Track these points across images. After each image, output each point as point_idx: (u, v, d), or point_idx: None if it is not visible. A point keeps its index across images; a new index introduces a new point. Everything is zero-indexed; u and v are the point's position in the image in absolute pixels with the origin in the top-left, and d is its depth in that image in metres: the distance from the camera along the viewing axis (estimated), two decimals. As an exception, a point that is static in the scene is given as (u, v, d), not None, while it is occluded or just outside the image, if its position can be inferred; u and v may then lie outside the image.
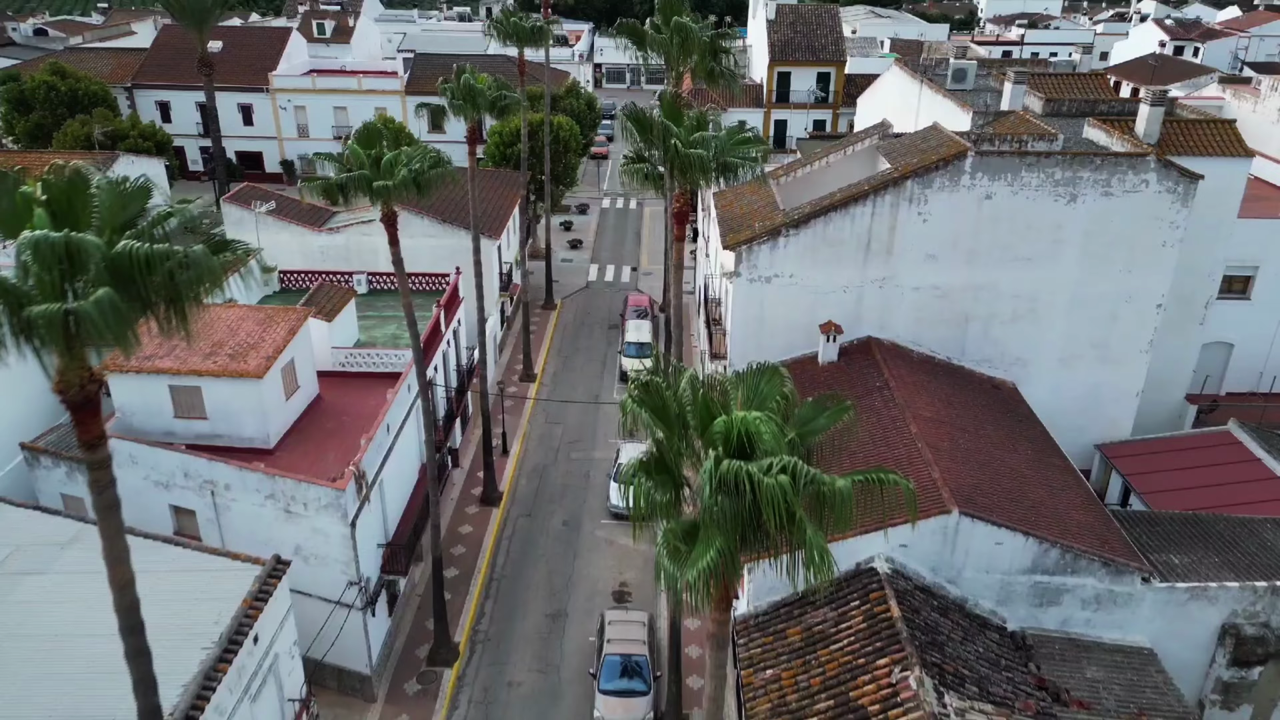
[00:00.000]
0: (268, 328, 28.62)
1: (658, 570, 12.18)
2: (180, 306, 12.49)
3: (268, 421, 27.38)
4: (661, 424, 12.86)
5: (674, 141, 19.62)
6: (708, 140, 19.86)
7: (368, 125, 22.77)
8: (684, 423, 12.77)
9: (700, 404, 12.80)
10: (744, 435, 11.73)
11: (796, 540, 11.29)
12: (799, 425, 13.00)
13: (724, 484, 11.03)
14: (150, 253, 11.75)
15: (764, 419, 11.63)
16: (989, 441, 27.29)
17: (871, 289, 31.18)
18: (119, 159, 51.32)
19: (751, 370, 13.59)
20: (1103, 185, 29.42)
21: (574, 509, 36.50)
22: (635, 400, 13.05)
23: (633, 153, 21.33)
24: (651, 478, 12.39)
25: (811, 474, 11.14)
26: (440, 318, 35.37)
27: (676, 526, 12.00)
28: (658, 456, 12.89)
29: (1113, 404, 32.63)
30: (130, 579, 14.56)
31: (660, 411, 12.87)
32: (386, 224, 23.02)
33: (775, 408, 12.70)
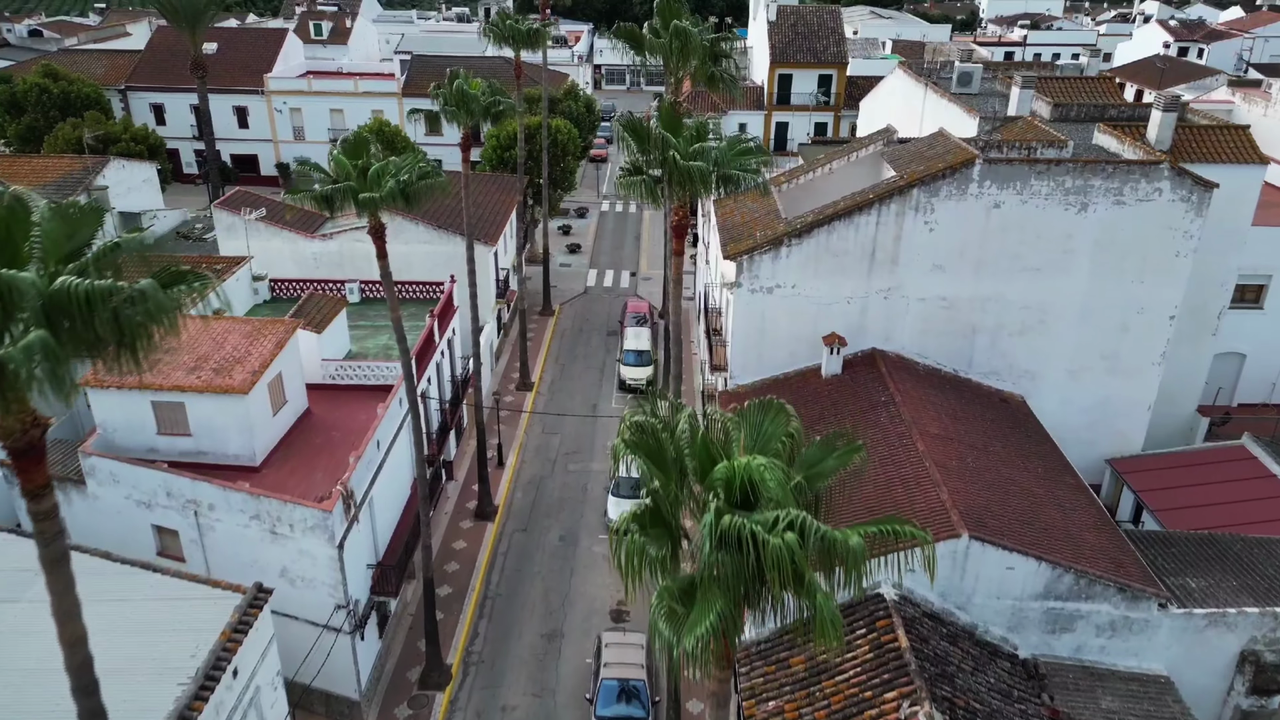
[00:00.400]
0: (254, 340, 27.76)
1: (652, 632, 11.26)
2: (131, 346, 11.49)
3: (254, 438, 26.52)
4: (657, 470, 11.97)
5: (672, 153, 18.78)
6: (707, 151, 19.00)
7: (355, 134, 21.90)
8: (682, 467, 11.86)
9: (700, 446, 11.90)
10: (747, 482, 10.83)
11: (805, 602, 10.40)
12: (806, 467, 12.12)
13: (725, 539, 10.15)
14: (91, 290, 10.71)
15: (769, 466, 10.74)
16: (998, 459, 26.44)
17: (876, 300, 30.35)
18: (110, 163, 50.64)
19: (754, 406, 12.70)
20: (1114, 194, 28.59)
21: (571, 523, 35.64)
22: (629, 443, 12.14)
23: (630, 164, 20.47)
24: (646, 531, 11.46)
25: (821, 530, 10.25)
26: (434, 328, 34.50)
27: (673, 585, 11.09)
28: (653, 508, 11.96)
29: (1124, 417, 31.80)
30: (82, 635, 13.58)
31: (656, 455, 11.97)
32: (374, 236, 22.16)
33: (780, 448, 11.82)
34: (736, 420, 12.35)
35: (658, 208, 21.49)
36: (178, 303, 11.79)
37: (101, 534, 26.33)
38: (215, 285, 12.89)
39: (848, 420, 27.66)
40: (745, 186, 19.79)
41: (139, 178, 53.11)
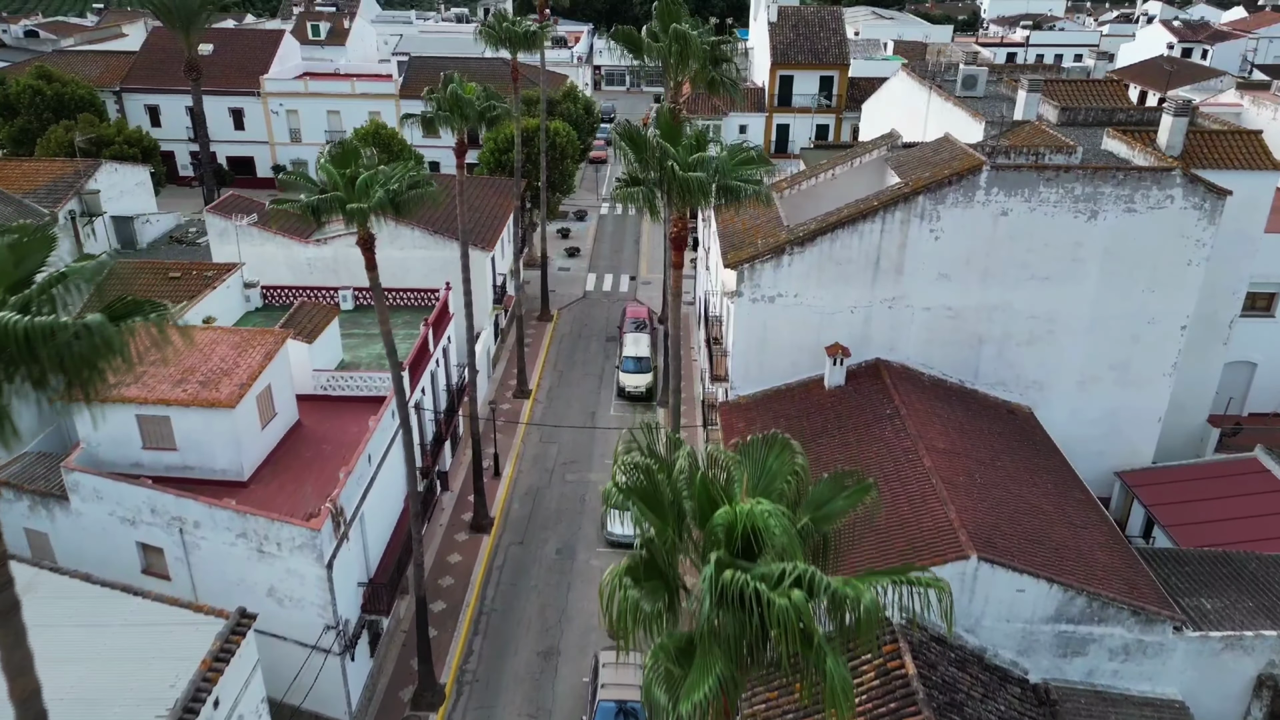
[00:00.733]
0: (243, 352, 27.05)
1: (645, 696, 10.53)
2: (82, 384, 10.69)
3: (241, 453, 25.81)
4: (653, 515, 11.21)
5: (671, 163, 18.05)
6: (707, 161, 18.29)
7: (343, 142, 21.18)
8: (680, 510, 11.11)
9: (699, 488, 11.14)
10: (750, 530, 10.07)
11: (814, 666, 9.64)
12: (813, 508, 11.39)
13: (726, 596, 9.41)
14: (31, 327, 9.93)
15: (774, 513, 9.99)
16: (1006, 474, 25.72)
17: (880, 309, 29.64)
18: (102, 167, 49.95)
19: (757, 442, 11.97)
20: (1125, 201, 27.87)
21: (568, 536, 34.93)
22: (622, 487, 11.39)
23: (627, 174, 19.73)
24: (640, 585, 10.68)
25: (830, 586, 9.49)
26: (428, 336, 33.79)
27: (669, 643, 10.31)
28: (647, 558, 11.20)
29: (1134, 429, 31.08)
30: (35, 689, 12.75)
31: (652, 499, 11.21)
32: (363, 248, 21.45)
33: (786, 488, 11.09)
34: (739, 459, 11.56)
35: (656, 220, 20.74)
36: (129, 337, 10.98)
37: (86, 551, 25.71)
38: (175, 315, 12.13)
39: (851, 434, 26.97)
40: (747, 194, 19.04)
41: (132, 181, 52.44)
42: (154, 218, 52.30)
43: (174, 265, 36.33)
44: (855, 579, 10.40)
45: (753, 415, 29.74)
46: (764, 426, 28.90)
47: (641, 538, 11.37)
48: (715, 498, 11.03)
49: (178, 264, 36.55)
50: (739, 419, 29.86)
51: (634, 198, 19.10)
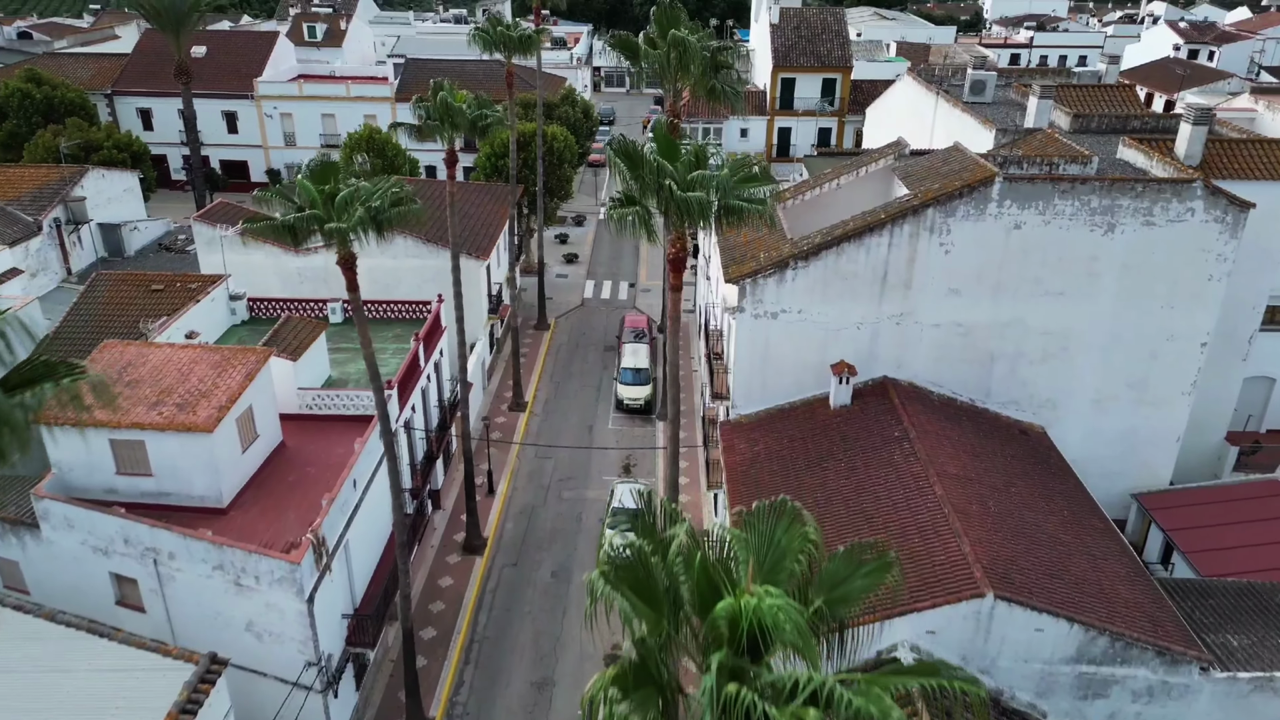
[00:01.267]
0: (223, 372, 25.89)
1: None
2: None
3: (220, 478, 24.66)
4: (646, 609, 10.01)
5: (669, 182, 16.90)
6: (708, 180, 17.16)
7: (323, 157, 20.03)
8: (676, 598, 9.92)
9: (699, 573, 9.94)
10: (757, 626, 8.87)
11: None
12: (828, 587, 10.21)
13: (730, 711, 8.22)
14: None
15: (785, 608, 8.78)
16: (1021, 501, 24.57)
17: (888, 326, 28.49)
18: (88, 173, 48.86)
19: (763, 512, 10.78)
20: (1144, 214, 26.72)
21: (564, 557, 33.77)
22: (609, 577, 10.19)
23: (622, 193, 18.57)
24: (629, 695, 9.44)
25: (851, 704, 8.27)
26: (419, 352, 32.63)
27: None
28: (638, 664, 9.99)
29: (1151, 449, 29.94)
30: None
31: (644, 589, 10.00)
32: (344, 268, 20.30)
33: (797, 567, 9.92)
34: (743, 537, 10.37)
35: (653, 243, 19.64)
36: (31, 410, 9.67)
37: (58, 581, 24.63)
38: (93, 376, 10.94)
39: (859, 458, 25.81)
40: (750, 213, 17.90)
41: (119, 187, 51.39)
42: (142, 225, 51.21)
43: (157, 277, 35.19)
44: (879, 680, 9.21)
45: (755, 436, 28.59)
46: (766, 447, 27.82)
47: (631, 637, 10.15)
48: (717, 583, 9.83)
49: (161, 276, 35.41)
50: (740, 439, 28.72)
51: (629, 219, 17.97)
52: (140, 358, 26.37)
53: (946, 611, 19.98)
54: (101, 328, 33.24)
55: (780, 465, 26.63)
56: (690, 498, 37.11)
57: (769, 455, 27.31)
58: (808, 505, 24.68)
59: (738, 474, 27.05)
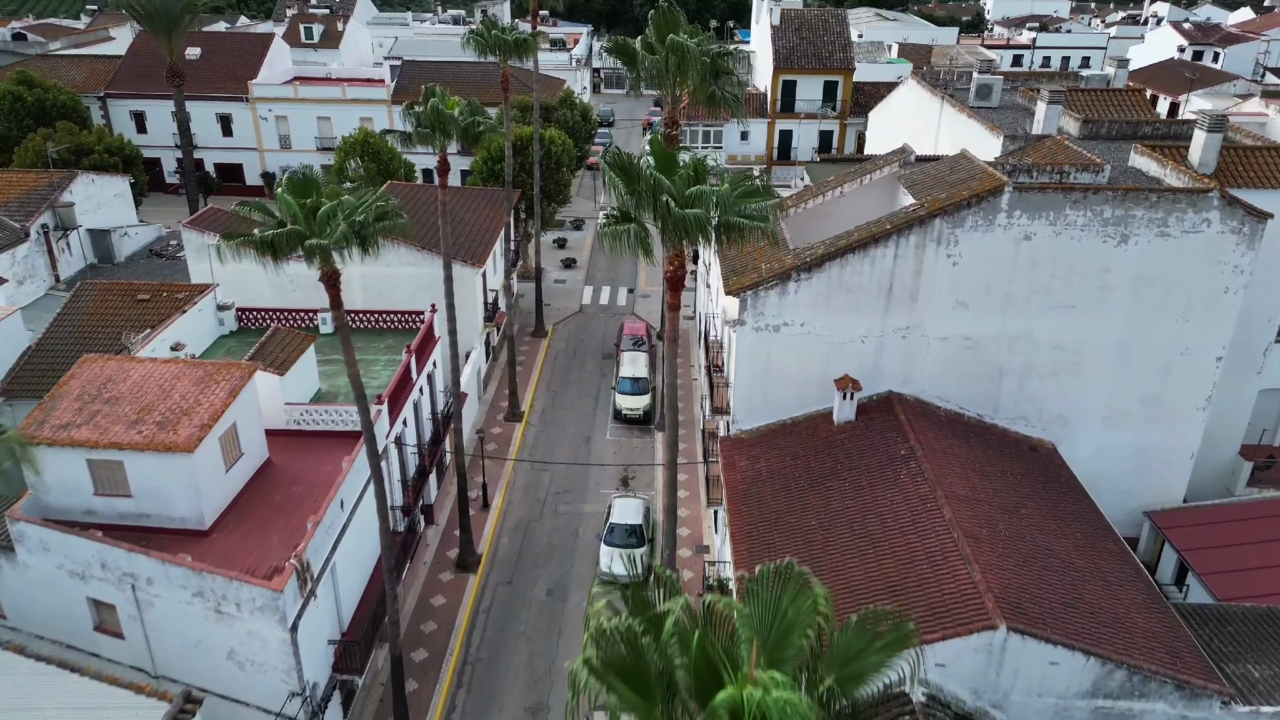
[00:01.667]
0: (206, 388, 25.03)
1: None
2: None
3: (202, 500, 23.79)
4: (637, 699, 9.08)
5: (666, 199, 16.03)
6: (707, 196, 16.28)
7: (303, 171, 19.14)
8: (671, 684, 8.99)
9: (697, 656, 9.00)
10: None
11: None
12: (840, 664, 9.30)
13: None
14: None
15: (792, 703, 7.90)
16: (1032, 523, 23.69)
17: (893, 339, 27.63)
18: (77, 178, 48.01)
19: (767, 578, 9.87)
20: (1158, 225, 25.86)
21: (560, 575, 32.90)
22: (594, 667, 9.26)
23: (618, 210, 17.68)
24: None
25: None
26: (410, 365, 31.76)
27: None
28: None
29: (1164, 466, 29.10)
30: None
31: (633, 676, 9.04)
32: (327, 285, 19.44)
33: (805, 644, 9.04)
34: (746, 613, 9.43)
35: (651, 262, 18.77)
36: None
37: (35, 605, 23.86)
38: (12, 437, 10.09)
39: (864, 477, 24.94)
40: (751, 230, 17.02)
41: (110, 192, 50.50)
42: (133, 230, 50.35)
43: (143, 287, 34.33)
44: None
45: (756, 452, 27.73)
46: (768, 464, 26.95)
47: None
48: (717, 666, 8.91)
49: (147, 285, 34.53)
50: (741, 456, 27.86)
51: (624, 238, 17.06)
52: (120, 373, 25.51)
53: (957, 644, 19.11)
54: (85, 339, 32.41)
55: (782, 484, 25.76)
56: (690, 512, 36.26)
57: (771, 473, 26.44)
58: (810, 527, 23.90)
59: (738, 493, 26.19)
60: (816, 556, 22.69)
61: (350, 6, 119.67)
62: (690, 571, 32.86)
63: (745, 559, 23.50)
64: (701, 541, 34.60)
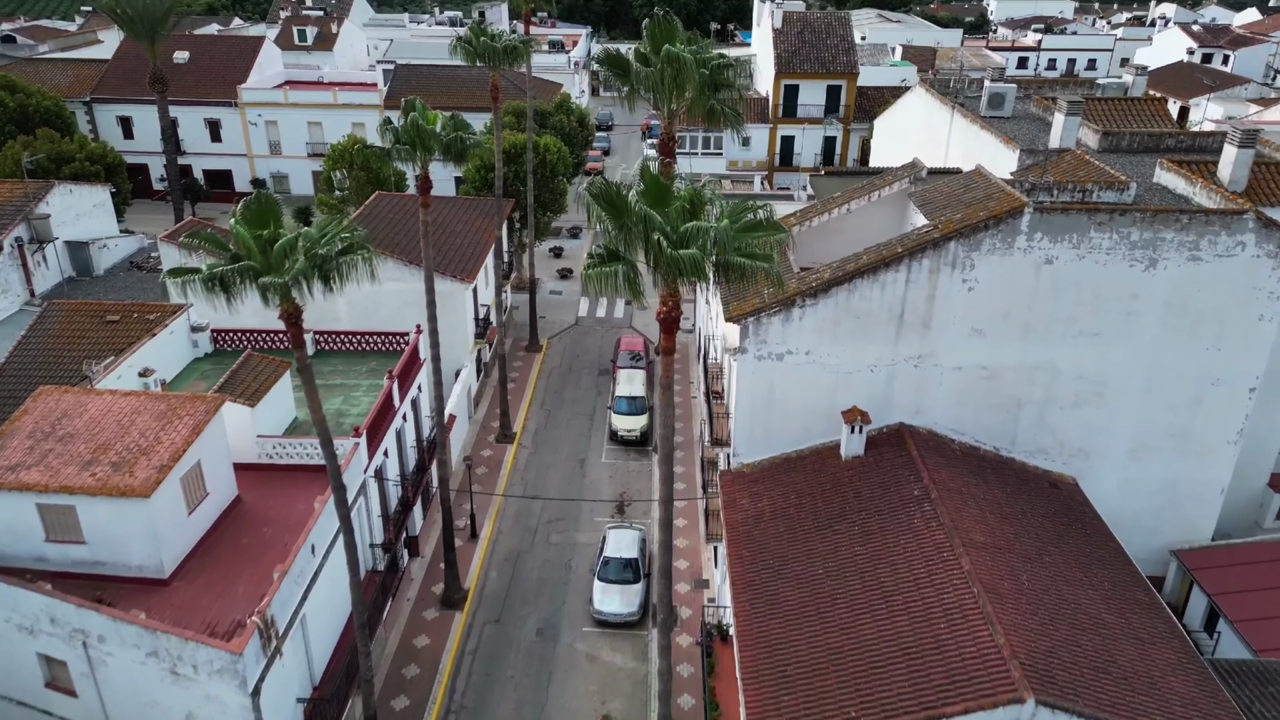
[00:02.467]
0: (168, 424, 23.32)
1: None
2: None
3: (160, 547, 22.07)
4: None
5: (658, 237, 14.33)
6: (704, 233, 14.55)
7: (260, 195, 17.36)
8: None
9: None
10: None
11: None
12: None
13: None
14: None
15: None
16: (1057, 572, 21.96)
17: (905, 368, 25.93)
18: (54, 189, 46.30)
19: None
20: (1189, 248, 24.15)
21: (551, 612, 31.17)
22: None
23: (604, 248, 15.94)
24: None
25: None
26: (392, 392, 30.05)
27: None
28: None
29: (1193, 502, 27.39)
30: None
31: None
32: (288, 323, 17.71)
33: None
34: None
35: (641, 305, 17.09)
36: None
37: (-19, 659, 22.07)
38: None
39: (874, 520, 23.22)
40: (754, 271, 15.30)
41: (89, 203, 48.79)
42: (113, 242, 48.62)
43: (113, 307, 32.61)
44: None
45: (758, 489, 26.01)
46: (771, 503, 25.25)
47: None
48: None
49: (117, 306, 32.81)
50: (743, 493, 26.14)
51: (610, 279, 15.30)
52: (77, 407, 23.82)
53: (980, 718, 17.39)
54: (51, 364, 30.74)
55: (787, 526, 24.04)
56: (688, 542, 34.55)
57: (774, 513, 24.73)
58: (817, 576, 22.17)
59: (739, 534, 24.47)
60: (824, 610, 21.00)
61: (345, 8, 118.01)
62: (689, 609, 31.14)
63: (747, 611, 21.80)
64: (701, 575, 32.88)
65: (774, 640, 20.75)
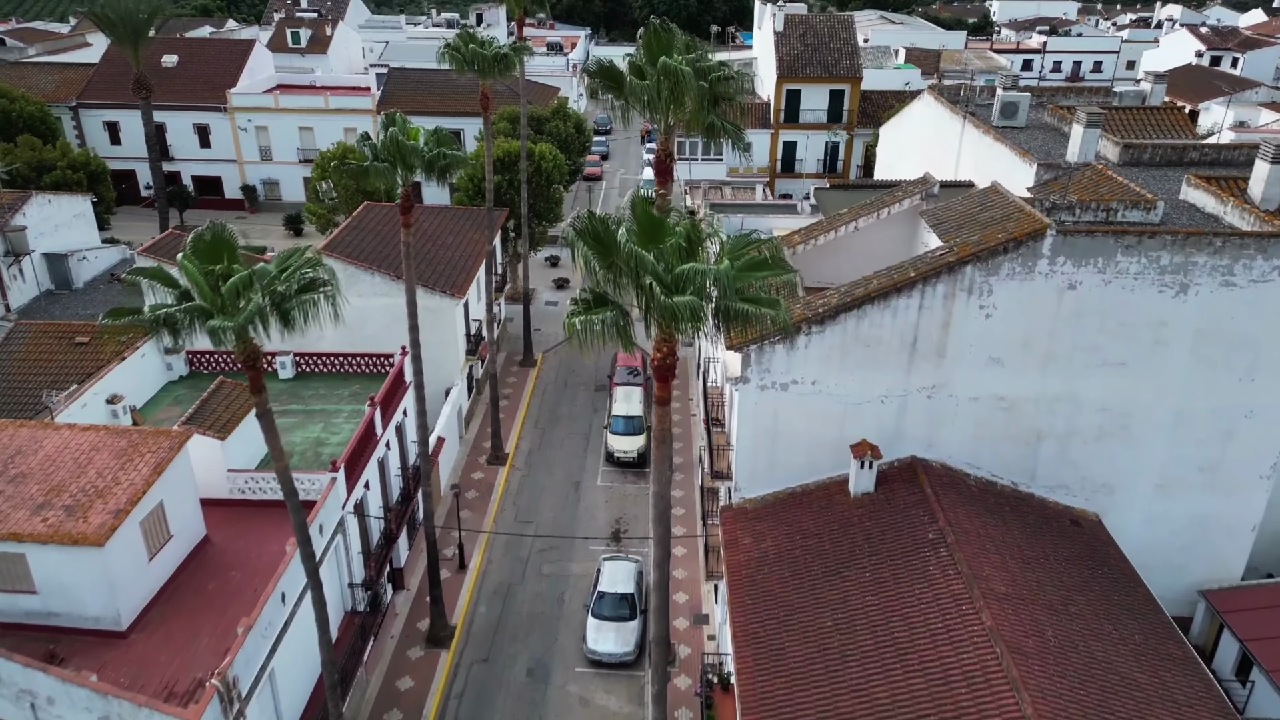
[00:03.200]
0: (128, 462, 21.75)
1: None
2: None
3: (117, 597, 20.50)
4: None
5: (650, 282, 12.78)
6: (702, 276, 12.95)
7: (212, 228, 15.77)
8: None
9: None
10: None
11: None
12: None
13: None
14: None
15: None
16: (1084, 625, 20.37)
17: (917, 399, 24.35)
18: (31, 200, 44.72)
19: None
20: (1223, 273, 22.58)
21: (542, 650, 29.58)
22: None
23: (591, 293, 14.36)
24: None
25: None
26: (374, 419, 28.46)
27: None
28: None
29: (1223, 540, 25.81)
30: None
31: None
32: (246, 367, 16.14)
33: None
34: None
35: (630, 352, 15.55)
36: None
37: (-75, 717, 20.42)
38: None
39: (886, 567, 21.64)
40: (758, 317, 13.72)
41: (69, 213, 47.15)
42: (93, 254, 47.01)
43: (82, 328, 31.08)
44: None
45: (761, 528, 24.43)
46: (776, 544, 23.68)
47: None
48: None
49: (87, 327, 31.26)
50: (745, 531, 24.55)
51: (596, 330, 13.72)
52: (32, 443, 22.25)
53: (1006, 802, 15.82)
54: (15, 390, 29.26)
55: (792, 571, 22.45)
56: (688, 573, 32.96)
57: (779, 556, 23.13)
58: (825, 628, 20.55)
59: (742, 579, 22.87)
60: (833, 669, 19.41)
61: (341, 10, 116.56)
62: (687, 647, 29.56)
63: (750, 668, 20.21)
64: (700, 609, 31.29)
65: (779, 701, 19.17)
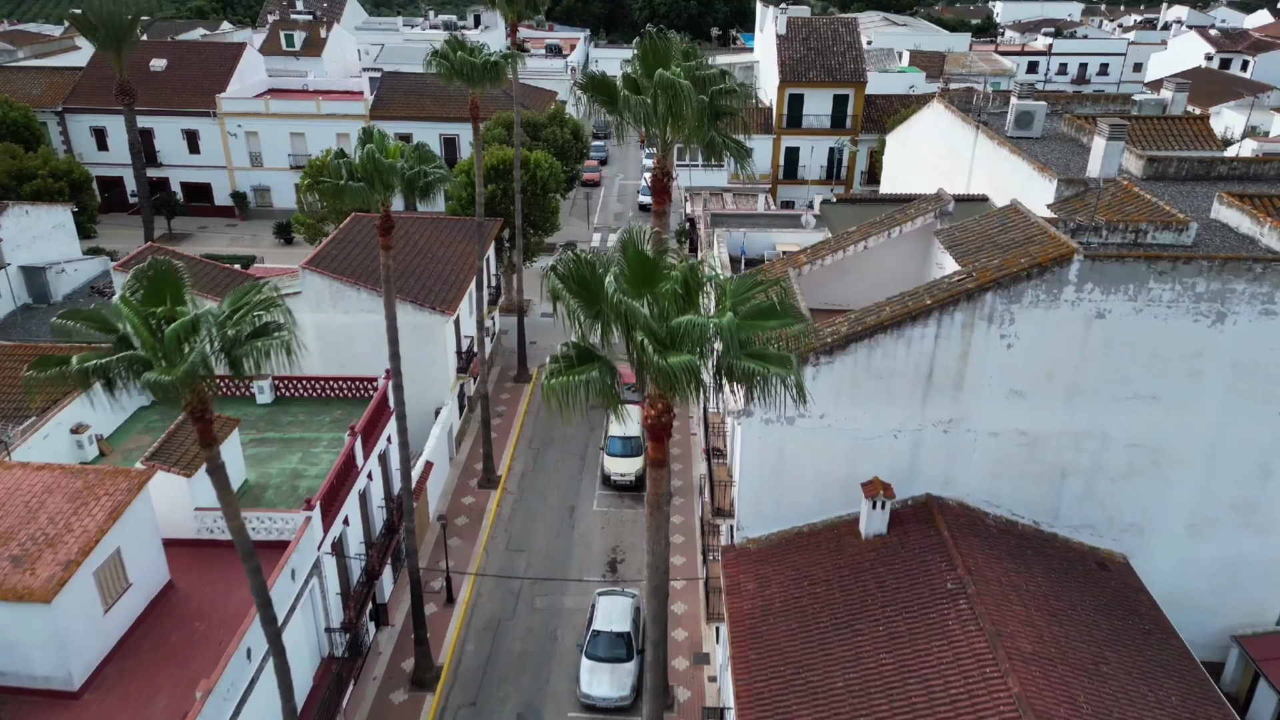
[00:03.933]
0: (82, 505, 20.15)
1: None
2: None
3: (68, 656, 18.90)
4: None
5: (642, 338, 11.19)
6: (701, 330, 11.31)
7: (155, 264, 14.17)
8: None
9: None
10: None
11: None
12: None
13: None
14: None
15: None
16: (1119, 688, 18.74)
17: (933, 434, 22.74)
18: (7, 210, 43.14)
19: None
20: (1263, 300, 20.97)
21: (533, 693, 27.96)
22: None
23: (574, 348, 12.78)
24: None
25: None
26: (354, 450, 26.84)
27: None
28: None
29: (1258, 582, 24.23)
30: None
31: None
32: (194, 419, 14.55)
33: None
34: None
35: (619, 418, 14.00)
36: None
37: None
38: None
39: (900, 620, 20.01)
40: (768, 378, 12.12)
41: (48, 224, 45.57)
42: (72, 266, 45.43)
43: (49, 349, 29.35)
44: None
45: (766, 571, 22.81)
46: (782, 591, 22.06)
47: None
48: None
49: (55, 349, 29.56)
50: (748, 575, 22.93)
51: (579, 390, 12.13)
52: (-19, 485, 20.64)
53: None
54: (-25, 417, 27.57)
55: (800, 623, 20.82)
56: (688, 608, 31.34)
57: (785, 605, 21.51)
58: (837, 690, 18.91)
59: (745, 630, 21.25)
60: (845, 738, 17.79)
61: (337, 12, 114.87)
62: (687, 689, 27.95)
63: (753, 734, 18.58)
64: (700, 648, 29.68)
65: (786, 775, 17.57)
